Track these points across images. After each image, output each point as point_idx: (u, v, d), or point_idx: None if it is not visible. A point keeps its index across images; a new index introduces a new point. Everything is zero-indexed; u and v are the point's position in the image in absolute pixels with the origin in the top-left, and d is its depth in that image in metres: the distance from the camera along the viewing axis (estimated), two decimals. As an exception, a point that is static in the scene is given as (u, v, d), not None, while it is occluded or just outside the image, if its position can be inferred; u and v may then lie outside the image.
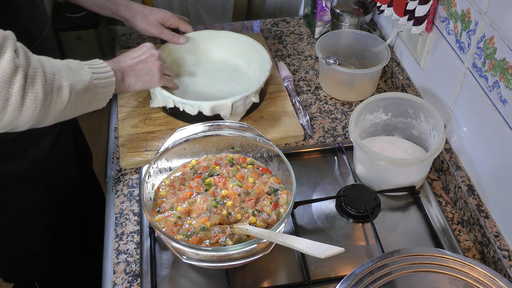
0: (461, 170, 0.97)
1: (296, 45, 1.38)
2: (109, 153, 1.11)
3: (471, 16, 0.89)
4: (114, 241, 0.93)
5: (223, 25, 1.47)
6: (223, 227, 0.83)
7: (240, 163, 0.95)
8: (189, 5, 2.34)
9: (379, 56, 1.18)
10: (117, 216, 0.97)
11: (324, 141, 1.11)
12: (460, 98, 0.97)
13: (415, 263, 0.75)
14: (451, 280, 0.73)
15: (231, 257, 0.80)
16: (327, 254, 0.66)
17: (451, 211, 0.98)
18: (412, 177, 0.97)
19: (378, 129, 1.06)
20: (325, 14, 1.33)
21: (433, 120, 0.97)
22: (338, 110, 1.19)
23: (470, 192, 0.93)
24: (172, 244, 0.79)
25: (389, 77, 1.25)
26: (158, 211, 0.87)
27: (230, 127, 0.94)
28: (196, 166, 0.95)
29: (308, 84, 1.26)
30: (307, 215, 0.96)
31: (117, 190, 1.02)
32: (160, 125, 1.11)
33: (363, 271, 0.73)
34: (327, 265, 0.88)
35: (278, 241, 0.75)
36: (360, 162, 1.00)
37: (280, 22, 1.48)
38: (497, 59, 0.83)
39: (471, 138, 0.94)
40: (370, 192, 0.97)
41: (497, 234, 0.87)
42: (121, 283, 0.87)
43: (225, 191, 0.88)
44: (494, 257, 0.86)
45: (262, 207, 0.87)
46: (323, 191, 1.00)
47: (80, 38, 2.39)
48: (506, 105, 0.82)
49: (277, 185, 0.90)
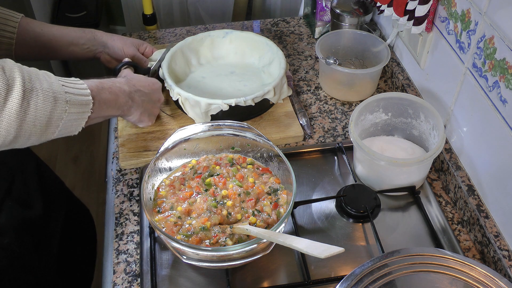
0: (461, 170, 0.97)
1: (296, 45, 1.38)
2: (109, 153, 1.11)
3: (471, 16, 0.89)
4: (114, 241, 0.93)
5: (223, 25, 1.47)
6: (223, 227, 0.83)
7: (240, 163, 0.95)
8: (189, 5, 2.34)
9: (379, 56, 1.18)
10: (117, 216, 0.97)
11: (324, 141, 1.11)
12: (460, 98, 0.97)
13: (415, 263, 0.75)
14: (451, 280, 0.73)
15: (231, 257, 0.80)
16: (327, 254, 0.66)
17: (451, 211, 0.98)
18: (412, 177, 0.97)
19: (378, 129, 1.06)
20: (325, 14, 1.33)
21: (433, 120, 0.97)
22: (338, 110, 1.19)
23: (470, 192, 0.93)
24: (172, 244, 0.79)
25: (389, 77, 1.25)
26: (158, 211, 0.87)
27: (230, 127, 0.94)
28: (196, 166, 0.95)
29: (308, 84, 1.26)
30: (307, 215, 0.96)
31: (117, 190, 1.02)
32: (160, 125, 1.11)
33: (363, 271, 0.73)
34: (327, 265, 0.88)
35: (278, 241, 0.75)
36: (360, 162, 1.00)
37: (280, 22, 1.48)
38: (497, 59, 0.83)
39: (471, 138, 0.94)
40: (370, 192, 0.97)
41: (497, 234, 0.87)
42: (121, 283, 0.87)
43: (225, 191, 0.88)
44: (494, 257, 0.86)
45: (262, 207, 0.87)
46: (323, 191, 1.00)
47: (80, 38, 2.39)
48: (506, 105, 0.82)
49: (277, 185, 0.90)
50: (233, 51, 1.24)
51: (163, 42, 1.40)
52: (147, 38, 1.41)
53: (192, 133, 0.93)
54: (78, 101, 0.82)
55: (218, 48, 1.24)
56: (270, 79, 1.17)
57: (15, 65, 0.75)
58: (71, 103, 0.80)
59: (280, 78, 1.10)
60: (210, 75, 1.21)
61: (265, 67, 1.21)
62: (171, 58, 1.16)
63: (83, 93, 0.83)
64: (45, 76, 0.79)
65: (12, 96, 0.72)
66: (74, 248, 1.29)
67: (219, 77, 1.20)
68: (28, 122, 0.75)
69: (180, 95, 1.07)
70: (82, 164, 2.37)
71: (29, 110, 0.74)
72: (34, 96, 0.75)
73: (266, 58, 1.21)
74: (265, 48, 1.21)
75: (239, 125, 0.94)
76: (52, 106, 0.77)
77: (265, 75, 1.20)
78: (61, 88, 0.79)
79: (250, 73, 1.21)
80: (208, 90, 1.16)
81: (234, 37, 1.23)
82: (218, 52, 1.24)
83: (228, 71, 1.22)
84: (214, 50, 1.24)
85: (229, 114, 1.06)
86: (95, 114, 0.86)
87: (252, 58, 1.24)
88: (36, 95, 0.75)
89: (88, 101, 0.84)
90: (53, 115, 0.78)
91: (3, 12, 1.00)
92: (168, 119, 1.13)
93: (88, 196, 2.10)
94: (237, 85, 1.18)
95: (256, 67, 1.23)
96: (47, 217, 1.12)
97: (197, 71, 1.22)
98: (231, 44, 1.24)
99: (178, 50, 1.19)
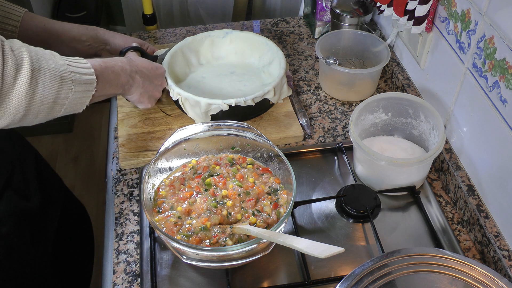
0: (461, 170, 0.97)
1: (296, 45, 1.38)
2: (109, 153, 1.11)
3: (471, 16, 0.89)
4: (114, 241, 0.93)
5: (223, 25, 1.47)
6: (223, 227, 0.83)
7: (240, 163, 0.95)
8: (189, 5, 2.34)
9: (379, 56, 1.18)
10: (117, 216, 0.97)
11: (324, 141, 1.11)
12: (460, 98, 0.97)
13: (415, 263, 0.75)
14: (451, 280, 0.73)
15: (231, 257, 0.80)
16: (327, 254, 0.66)
17: (451, 211, 0.98)
18: (412, 177, 0.97)
19: (378, 129, 1.06)
20: (325, 14, 1.33)
21: (433, 120, 0.97)
22: (338, 110, 1.19)
23: (470, 192, 0.93)
24: (172, 244, 0.79)
25: (389, 77, 1.25)
26: (158, 211, 0.87)
27: (230, 127, 0.94)
28: (196, 166, 0.95)
29: (308, 84, 1.26)
30: (307, 215, 0.96)
31: (117, 190, 1.02)
32: (160, 125, 1.11)
33: (363, 271, 0.73)
34: (327, 265, 0.88)
35: (278, 241, 0.75)
36: (360, 162, 1.00)
37: (280, 22, 1.48)
38: (497, 59, 0.83)
39: (471, 138, 0.94)
40: (370, 192, 0.97)
41: (497, 234, 0.87)
42: (121, 283, 0.87)
43: (225, 191, 0.88)
44: (494, 257, 0.86)
45: (262, 207, 0.87)
46: (323, 191, 1.00)
47: (80, 38, 2.39)
48: (506, 105, 0.82)
49: (277, 185, 0.90)
50: (233, 51, 1.24)
51: (163, 42, 1.40)
52: (147, 38, 1.41)
53: (192, 133, 0.93)
54: (83, 80, 0.83)
55: (218, 48, 1.24)
56: (270, 79, 1.17)
57: (22, 45, 0.76)
58: (77, 82, 0.82)
59: (280, 78, 1.10)
60: (210, 75, 1.21)
61: (265, 67, 1.21)
62: (171, 58, 1.16)
63: (87, 72, 0.85)
64: (51, 56, 0.80)
65: (21, 75, 0.74)
66: (70, 247, 1.29)
67: (219, 77, 1.20)
68: (36, 100, 0.77)
69: (180, 95, 1.07)
70: (82, 164, 2.37)
71: (37, 89, 0.76)
72: (42, 76, 0.77)
73: (266, 58, 1.21)
74: (265, 48, 1.21)
75: (239, 125, 0.94)
76: (59, 85, 0.79)
77: (265, 75, 1.20)
78: (66, 67, 0.81)
79: (250, 73, 1.21)
80: (208, 90, 1.16)
81: (234, 37, 1.23)
82: (218, 52, 1.24)
83: (228, 71, 1.22)
84: (214, 50, 1.24)
85: (229, 114, 1.06)
86: (99, 93, 0.88)
87: (252, 58, 1.24)
88: (43, 75, 0.77)
89: (92, 80, 0.86)
90: (60, 94, 0.80)
91: (6, 6, 1.01)
92: (168, 119, 1.13)
93: (88, 196, 2.10)
94: (237, 85, 1.17)
95: (256, 67, 1.23)
96: (44, 211, 1.12)
97: (197, 71, 1.22)
98: (231, 44, 1.24)
99: (178, 50, 1.19)
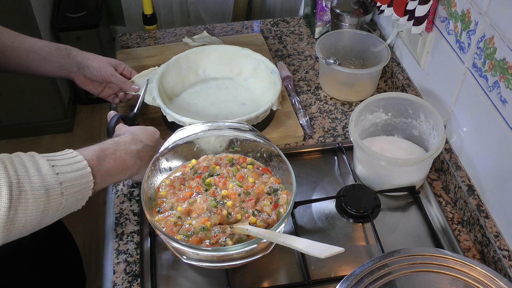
0: (461, 170, 0.97)
1: (296, 45, 1.38)
2: (109, 153, 1.11)
3: (471, 16, 0.89)
4: (114, 241, 0.93)
5: (223, 25, 1.47)
6: (223, 227, 0.83)
7: (240, 163, 0.95)
8: (189, 5, 2.34)
9: (379, 56, 1.18)
10: (117, 216, 0.97)
11: (324, 141, 1.11)
12: (460, 98, 0.97)
13: (415, 263, 0.75)
14: (451, 280, 0.73)
15: (231, 257, 0.80)
16: (327, 254, 0.66)
17: (451, 211, 0.98)
18: (412, 177, 0.97)
19: (378, 129, 1.06)
20: (325, 14, 1.33)
21: (433, 120, 0.97)
22: (338, 110, 1.19)
23: (470, 192, 0.93)
24: (172, 244, 0.79)
25: (389, 77, 1.25)
26: (158, 211, 0.87)
27: (230, 127, 0.94)
28: (196, 166, 0.95)
29: (308, 84, 1.26)
30: (307, 215, 0.96)
31: (117, 190, 1.02)
32: (160, 125, 1.11)
33: (363, 271, 0.73)
34: (327, 265, 0.88)
35: (278, 241, 0.75)
36: (360, 162, 1.00)
37: (280, 22, 1.48)
38: (497, 59, 0.83)
39: (471, 138, 0.94)
40: (370, 192, 0.97)
41: (497, 234, 0.87)
42: (121, 283, 0.87)
43: (225, 191, 0.88)
44: (494, 257, 0.86)
45: (262, 207, 0.87)
46: (323, 191, 1.01)
47: (80, 38, 2.39)
48: (506, 105, 0.82)
49: (277, 185, 0.90)
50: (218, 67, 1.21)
51: (163, 42, 1.40)
52: (147, 38, 1.42)
53: (192, 133, 0.93)
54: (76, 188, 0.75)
55: (203, 66, 1.21)
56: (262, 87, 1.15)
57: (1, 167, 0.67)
58: (67, 194, 0.73)
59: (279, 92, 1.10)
60: (204, 95, 1.17)
61: (251, 78, 1.19)
62: (160, 79, 1.13)
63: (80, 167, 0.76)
64: (35, 171, 0.70)
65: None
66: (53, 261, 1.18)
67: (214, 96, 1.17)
68: (17, 227, 0.68)
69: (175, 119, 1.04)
70: (82, 164, 2.36)
71: (17, 217, 0.67)
72: (23, 201, 0.67)
73: (249, 69, 1.19)
74: (246, 60, 1.19)
75: (239, 125, 0.94)
76: (45, 204, 0.70)
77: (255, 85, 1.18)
78: (54, 179, 0.71)
79: (242, 88, 1.19)
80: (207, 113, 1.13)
81: (216, 52, 1.20)
82: (206, 71, 1.21)
83: (222, 87, 1.19)
84: (200, 69, 1.21)
85: None
86: (99, 186, 0.80)
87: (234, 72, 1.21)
88: (25, 199, 0.67)
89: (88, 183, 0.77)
90: (47, 211, 0.71)
91: None
92: (168, 119, 1.13)
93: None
94: (233, 106, 1.14)
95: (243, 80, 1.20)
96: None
97: (189, 91, 1.19)
98: (215, 59, 1.21)
99: (166, 70, 1.15)
